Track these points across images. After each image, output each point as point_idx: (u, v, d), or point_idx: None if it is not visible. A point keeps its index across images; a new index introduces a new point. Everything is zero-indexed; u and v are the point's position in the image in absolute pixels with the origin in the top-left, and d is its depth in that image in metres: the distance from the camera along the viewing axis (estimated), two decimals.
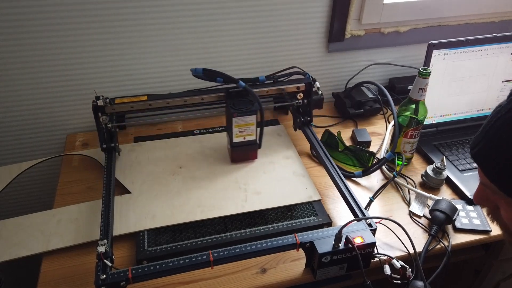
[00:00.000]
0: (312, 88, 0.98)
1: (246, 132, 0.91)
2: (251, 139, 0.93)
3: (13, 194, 1.17)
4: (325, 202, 0.88)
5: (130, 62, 1.04)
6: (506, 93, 1.08)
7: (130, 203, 0.85)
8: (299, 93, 0.99)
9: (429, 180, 0.92)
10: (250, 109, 0.89)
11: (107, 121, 0.90)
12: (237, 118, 0.88)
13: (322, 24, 1.12)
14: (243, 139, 0.92)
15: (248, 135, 0.92)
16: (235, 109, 0.89)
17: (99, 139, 0.92)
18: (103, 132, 0.92)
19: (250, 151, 0.96)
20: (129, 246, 0.78)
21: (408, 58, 1.26)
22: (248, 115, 0.89)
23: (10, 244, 0.78)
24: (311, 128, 1.02)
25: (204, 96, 0.94)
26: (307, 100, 1.00)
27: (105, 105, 0.88)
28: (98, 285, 0.62)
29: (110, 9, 0.95)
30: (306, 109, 1.02)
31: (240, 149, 0.94)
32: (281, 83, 0.98)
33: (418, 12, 1.17)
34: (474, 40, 0.98)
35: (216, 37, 1.06)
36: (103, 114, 0.89)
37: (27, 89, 1.01)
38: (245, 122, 0.90)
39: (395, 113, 0.94)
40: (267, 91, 0.96)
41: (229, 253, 0.66)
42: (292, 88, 0.98)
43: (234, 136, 0.91)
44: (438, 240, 0.80)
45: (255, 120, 0.90)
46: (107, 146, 0.93)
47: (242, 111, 0.88)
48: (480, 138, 0.52)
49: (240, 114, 0.88)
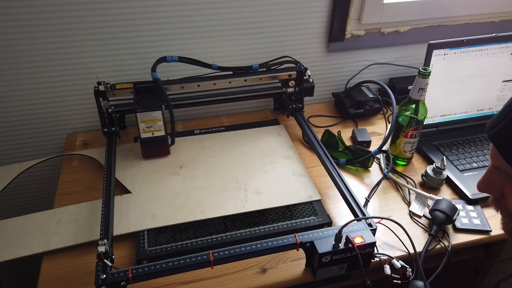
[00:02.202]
0: (304, 76, 1.04)
1: (154, 127, 0.92)
2: (160, 134, 0.93)
3: (13, 194, 1.17)
4: (325, 202, 0.88)
5: (130, 62, 1.04)
6: (506, 93, 1.09)
7: (130, 203, 0.85)
8: (291, 81, 1.04)
9: (429, 180, 0.92)
10: (155, 105, 0.90)
11: (108, 106, 0.94)
12: (142, 113, 0.89)
13: (322, 24, 1.12)
14: (151, 134, 0.92)
15: (156, 130, 0.92)
16: (139, 104, 0.90)
17: (101, 123, 0.96)
18: (104, 116, 0.96)
19: (161, 146, 0.96)
20: (129, 246, 0.78)
21: (408, 58, 1.26)
22: (152, 110, 0.89)
23: (10, 244, 0.78)
24: (303, 114, 1.06)
25: (199, 83, 0.98)
26: (298, 88, 1.05)
27: (106, 90, 0.93)
28: (98, 285, 0.62)
29: (110, 9, 0.95)
30: (298, 96, 1.07)
31: (149, 144, 0.94)
32: (274, 71, 1.03)
33: (418, 12, 1.17)
34: (474, 40, 0.98)
35: (216, 36, 1.06)
36: (104, 99, 0.94)
37: (27, 89, 1.01)
38: (150, 118, 0.90)
39: (395, 111, 0.94)
40: (260, 78, 1.01)
41: (229, 253, 0.66)
42: (284, 76, 1.03)
43: (141, 131, 0.92)
44: (438, 240, 0.80)
45: (162, 116, 0.91)
46: (108, 130, 0.97)
47: (146, 107, 0.89)
48: (500, 119, 0.51)
49: (144, 110, 0.89)
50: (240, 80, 1.01)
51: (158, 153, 0.97)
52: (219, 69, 0.99)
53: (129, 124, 1.12)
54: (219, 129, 1.09)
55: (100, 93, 0.93)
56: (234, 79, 1.00)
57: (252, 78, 1.01)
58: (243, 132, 1.08)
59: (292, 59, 1.03)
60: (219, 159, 0.98)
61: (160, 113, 0.90)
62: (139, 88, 0.94)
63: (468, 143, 1.04)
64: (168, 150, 0.98)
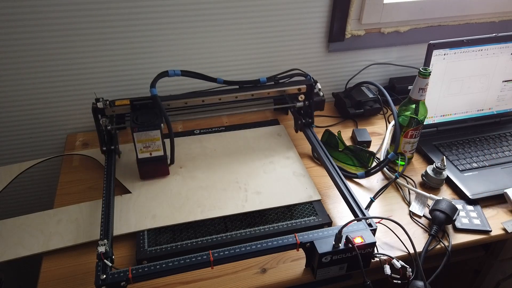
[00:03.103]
0: (314, 89, 0.98)
1: (152, 147, 0.85)
2: (159, 154, 0.87)
3: (13, 194, 1.17)
4: (325, 202, 0.88)
5: (130, 62, 1.04)
6: (506, 93, 1.09)
7: (130, 203, 0.85)
8: (300, 95, 0.99)
9: (429, 180, 0.92)
10: (153, 123, 0.83)
11: (107, 123, 0.89)
12: (139, 133, 0.83)
13: (322, 24, 1.12)
14: (149, 154, 0.86)
15: (154, 150, 0.86)
16: (136, 123, 0.83)
17: (99, 141, 0.91)
18: (103, 134, 0.91)
19: (159, 166, 0.89)
20: (129, 246, 0.78)
21: (408, 58, 1.26)
22: (150, 129, 0.83)
23: (10, 244, 0.78)
24: (312, 129, 1.01)
25: (204, 98, 0.93)
26: (308, 102, 1.00)
27: (105, 107, 0.87)
28: (98, 285, 0.62)
29: (110, 9, 0.95)
30: (307, 111, 1.01)
31: (147, 164, 0.88)
32: (282, 85, 0.97)
33: (418, 12, 1.17)
34: (474, 40, 0.98)
35: (216, 37, 1.06)
36: (103, 116, 0.88)
37: (27, 89, 1.01)
38: (148, 137, 0.84)
39: (395, 113, 0.94)
40: (268, 92, 0.96)
41: (229, 253, 0.66)
42: (293, 89, 0.97)
43: (139, 151, 0.86)
44: (438, 240, 0.80)
45: (160, 135, 0.85)
46: (107, 148, 0.92)
47: (144, 126, 0.83)
48: None
49: (142, 129, 0.83)
50: (246, 95, 0.96)
51: (157, 174, 0.91)
52: (225, 83, 0.94)
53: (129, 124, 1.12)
54: (219, 129, 1.09)
55: (98, 110, 0.87)
56: (241, 93, 0.95)
57: (260, 92, 0.96)
58: (243, 132, 1.08)
59: (302, 71, 0.99)
60: (219, 159, 0.98)
61: (158, 133, 0.84)
62: (136, 105, 0.88)
63: (468, 143, 1.04)
64: (168, 170, 0.91)
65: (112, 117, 0.93)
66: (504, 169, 0.96)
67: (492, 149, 1.02)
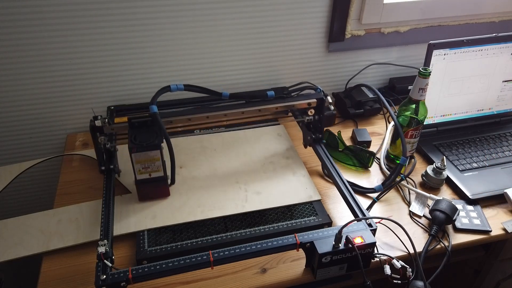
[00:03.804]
0: (324, 103, 0.92)
1: (151, 168, 0.80)
2: (159, 175, 0.82)
3: (13, 194, 1.17)
4: (325, 202, 0.88)
5: (130, 62, 1.04)
6: (506, 93, 1.09)
7: (130, 203, 0.85)
8: (310, 109, 0.93)
9: (429, 180, 0.92)
10: (153, 143, 0.78)
11: (106, 141, 0.83)
12: (137, 153, 0.78)
13: (322, 24, 1.12)
14: (149, 175, 0.81)
15: (154, 171, 0.81)
16: (135, 143, 0.78)
17: (98, 161, 0.86)
18: (101, 152, 0.85)
19: (159, 187, 0.84)
20: (129, 246, 0.78)
21: (408, 58, 1.26)
22: (150, 150, 0.78)
23: (10, 244, 0.78)
24: (323, 145, 0.95)
25: (208, 114, 0.87)
26: (318, 116, 0.93)
27: (104, 125, 0.81)
28: (98, 285, 0.62)
29: (109, 9, 0.95)
30: (317, 126, 0.95)
31: (146, 186, 0.83)
32: (291, 99, 0.92)
33: (418, 12, 1.17)
34: (474, 40, 0.98)
35: (215, 37, 1.06)
36: (102, 134, 0.82)
37: (27, 89, 1.01)
38: (148, 158, 0.79)
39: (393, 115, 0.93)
40: (276, 108, 0.90)
41: (229, 253, 0.66)
42: (303, 104, 0.91)
43: (137, 172, 0.80)
44: (438, 240, 0.80)
45: (160, 155, 0.80)
46: (106, 168, 0.87)
47: (143, 146, 0.77)
48: None
49: (141, 149, 0.77)
50: (254, 110, 0.90)
51: (156, 195, 0.86)
52: (231, 97, 0.89)
53: None
54: (219, 129, 1.09)
55: (96, 129, 0.82)
56: (247, 109, 0.89)
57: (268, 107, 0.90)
58: (243, 132, 1.08)
59: (311, 84, 0.94)
60: (219, 159, 0.98)
61: (158, 153, 0.79)
62: (134, 123, 0.82)
63: (468, 143, 1.04)
64: (168, 191, 0.86)
65: (111, 135, 0.88)
66: (504, 169, 0.96)
67: (492, 149, 1.02)
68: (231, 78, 1.14)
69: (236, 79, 1.15)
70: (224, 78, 1.13)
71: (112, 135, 0.89)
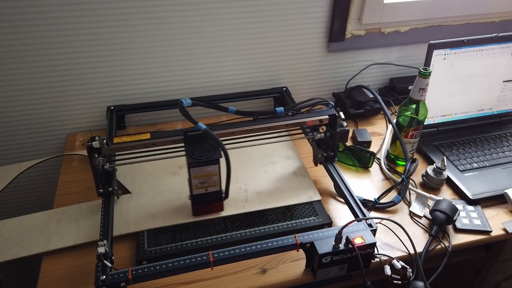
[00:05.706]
0: (337, 120, 0.87)
1: (208, 183, 0.79)
2: (215, 190, 0.80)
3: (13, 194, 1.17)
4: (325, 202, 0.88)
5: (130, 62, 1.04)
6: (506, 93, 1.09)
7: (130, 203, 0.85)
8: (321, 126, 0.88)
9: (430, 180, 0.92)
10: (211, 158, 0.76)
11: (104, 163, 0.79)
12: (195, 168, 0.76)
13: (323, 24, 1.12)
14: (205, 190, 0.80)
15: (210, 186, 0.79)
16: (193, 158, 0.76)
17: (95, 183, 0.80)
18: (99, 174, 0.80)
19: (214, 202, 0.83)
20: (129, 246, 0.78)
21: (408, 58, 1.26)
22: (208, 164, 0.77)
23: (10, 244, 0.78)
24: (334, 164, 0.91)
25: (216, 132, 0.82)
26: (330, 133, 0.88)
27: (102, 147, 0.77)
28: (98, 285, 0.62)
29: (110, 9, 0.95)
30: (328, 143, 0.90)
31: (202, 201, 0.81)
32: (302, 116, 0.87)
33: (418, 12, 1.17)
34: (474, 40, 0.98)
35: (215, 37, 1.06)
36: (100, 155, 0.78)
37: (27, 89, 1.01)
38: (206, 173, 0.77)
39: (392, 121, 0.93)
40: (286, 125, 0.85)
41: (229, 253, 0.66)
42: (314, 121, 0.87)
43: (194, 187, 0.79)
44: (438, 241, 0.80)
45: (218, 170, 0.78)
46: (105, 190, 0.82)
47: (201, 161, 0.76)
48: None
49: (199, 164, 0.76)
50: (262, 128, 0.85)
51: (210, 210, 0.83)
52: (237, 113, 0.84)
53: (129, 124, 1.12)
54: None
55: (94, 150, 0.77)
56: (255, 126, 0.84)
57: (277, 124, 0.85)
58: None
59: (323, 99, 0.89)
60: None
61: (216, 167, 0.77)
62: (190, 136, 0.79)
63: (469, 143, 1.04)
64: (222, 206, 0.84)
65: (110, 156, 0.83)
66: (505, 169, 0.96)
67: (492, 149, 1.02)
68: (231, 77, 1.14)
69: (236, 79, 1.14)
70: (224, 78, 1.13)
71: (112, 156, 0.84)
